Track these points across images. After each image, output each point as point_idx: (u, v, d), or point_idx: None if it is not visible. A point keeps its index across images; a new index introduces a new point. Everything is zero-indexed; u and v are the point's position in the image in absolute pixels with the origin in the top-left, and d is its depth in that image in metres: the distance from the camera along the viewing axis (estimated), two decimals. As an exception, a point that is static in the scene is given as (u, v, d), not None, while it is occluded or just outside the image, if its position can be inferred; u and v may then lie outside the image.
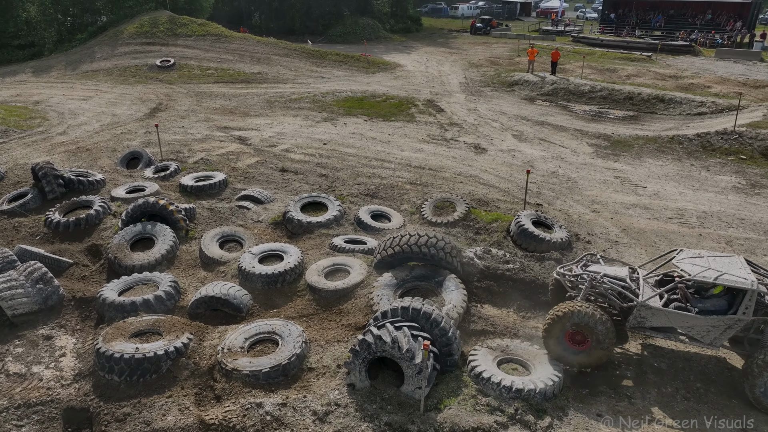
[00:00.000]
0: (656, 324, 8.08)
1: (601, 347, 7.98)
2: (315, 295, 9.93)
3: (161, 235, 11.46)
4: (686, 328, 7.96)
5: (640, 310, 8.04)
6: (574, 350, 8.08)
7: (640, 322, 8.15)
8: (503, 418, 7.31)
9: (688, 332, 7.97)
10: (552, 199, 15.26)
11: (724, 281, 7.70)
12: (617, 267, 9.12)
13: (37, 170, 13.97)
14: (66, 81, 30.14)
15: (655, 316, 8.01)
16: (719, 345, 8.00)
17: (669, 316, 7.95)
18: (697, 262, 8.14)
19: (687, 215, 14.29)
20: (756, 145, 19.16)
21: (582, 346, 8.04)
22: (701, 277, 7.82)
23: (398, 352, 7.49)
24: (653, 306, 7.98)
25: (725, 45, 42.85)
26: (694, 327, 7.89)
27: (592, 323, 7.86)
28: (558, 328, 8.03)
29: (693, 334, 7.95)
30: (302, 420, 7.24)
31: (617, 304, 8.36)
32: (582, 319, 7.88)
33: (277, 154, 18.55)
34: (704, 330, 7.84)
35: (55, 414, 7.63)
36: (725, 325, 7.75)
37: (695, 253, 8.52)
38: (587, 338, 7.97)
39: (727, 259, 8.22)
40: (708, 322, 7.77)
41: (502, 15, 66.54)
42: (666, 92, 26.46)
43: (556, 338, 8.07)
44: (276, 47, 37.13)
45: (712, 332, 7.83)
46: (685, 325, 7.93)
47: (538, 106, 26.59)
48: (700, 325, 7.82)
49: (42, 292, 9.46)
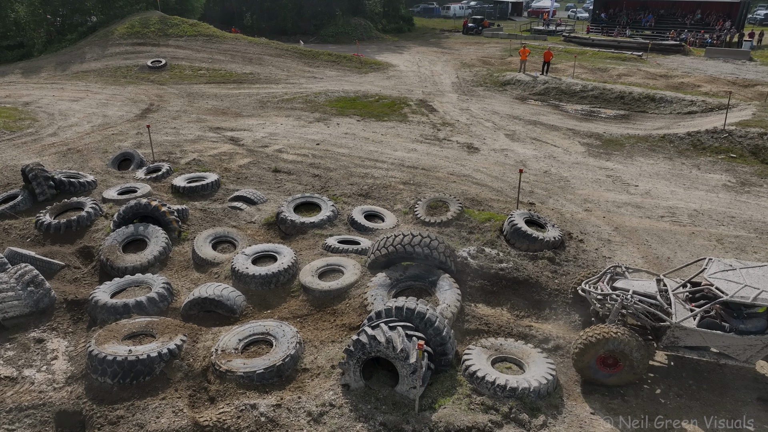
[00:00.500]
0: (690, 344, 7.83)
1: (634, 372, 7.84)
2: (309, 295, 9.91)
3: (154, 236, 11.40)
4: (722, 347, 7.71)
5: (674, 330, 7.76)
6: (605, 373, 7.92)
7: (673, 342, 7.87)
8: (498, 417, 7.33)
9: (723, 350, 7.73)
10: (545, 198, 15.32)
11: (763, 301, 7.37)
12: (644, 281, 8.78)
13: (28, 172, 13.85)
14: (56, 82, 29.91)
15: (690, 336, 7.74)
16: (755, 362, 7.81)
17: (704, 336, 7.67)
18: (731, 277, 7.79)
19: (678, 213, 14.39)
20: (746, 143, 19.33)
21: (614, 369, 7.87)
22: (739, 297, 7.48)
23: (393, 352, 7.49)
24: (688, 327, 7.70)
25: (714, 44, 43.21)
26: (731, 346, 7.63)
27: (628, 350, 7.66)
28: (591, 354, 7.83)
29: (728, 353, 7.71)
30: (297, 421, 7.23)
31: (649, 323, 8.10)
32: (618, 346, 7.66)
33: (269, 154, 18.50)
34: (740, 349, 7.60)
35: (48, 417, 7.58)
36: (763, 344, 7.50)
37: (726, 264, 8.14)
38: (619, 362, 7.80)
39: (760, 270, 7.87)
40: (745, 341, 7.53)
41: (493, 15, 66.75)
42: (657, 91, 26.64)
43: (587, 362, 7.88)
44: (268, 47, 37.04)
45: (749, 351, 7.59)
46: (721, 344, 7.67)
47: (530, 105, 26.68)
48: (737, 344, 7.57)
49: (33, 294, 9.39)
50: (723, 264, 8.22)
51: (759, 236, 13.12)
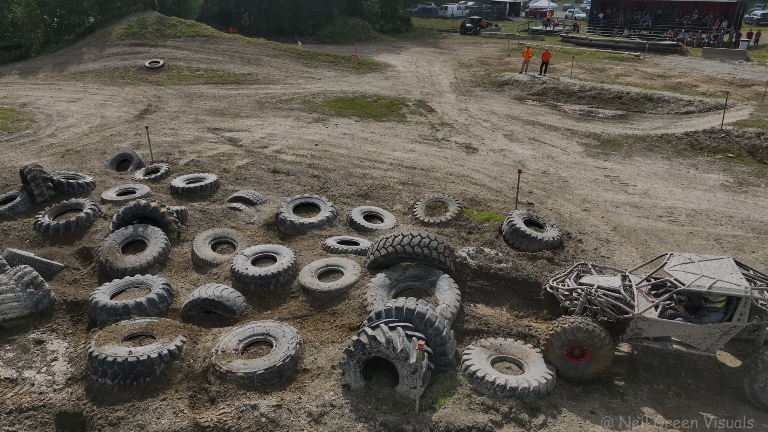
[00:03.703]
0: (653, 334, 8.07)
1: (601, 363, 7.99)
2: (308, 296, 9.92)
3: (153, 237, 11.40)
4: (683, 337, 7.95)
5: (637, 322, 8.01)
6: (575, 366, 8.07)
7: (636, 333, 8.12)
8: (498, 417, 7.35)
9: (684, 340, 7.97)
10: (543, 198, 15.35)
11: (718, 289, 7.64)
12: (609, 276, 9.05)
13: (26, 173, 13.83)
14: (54, 82, 29.87)
15: (652, 327, 8.00)
16: (716, 351, 8.01)
17: (665, 326, 7.93)
18: (689, 269, 8.07)
19: (676, 213, 14.43)
20: (743, 143, 19.39)
21: (581, 359, 8.04)
22: (695, 286, 7.73)
23: (393, 352, 7.50)
24: (649, 317, 7.96)
25: (712, 44, 43.33)
26: (691, 335, 7.88)
27: (592, 338, 7.85)
28: (557, 344, 8.01)
29: (689, 342, 7.96)
30: (297, 421, 7.24)
31: (613, 316, 8.33)
32: (582, 335, 7.86)
33: (268, 155, 18.50)
34: (700, 338, 7.84)
35: (48, 419, 7.56)
36: (721, 332, 7.76)
37: (686, 258, 8.43)
38: (586, 352, 7.96)
39: (717, 262, 8.17)
40: (704, 330, 7.78)
41: (491, 15, 66.83)
42: (654, 91, 26.71)
43: (555, 355, 8.06)
44: (266, 48, 37.03)
45: (709, 339, 7.82)
46: (682, 333, 7.91)
47: (529, 105, 26.73)
48: (697, 333, 7.82)
49: (33, 296, 9.37)
50: (683, 258, 8.47)
51: (757, 236, 13.17)
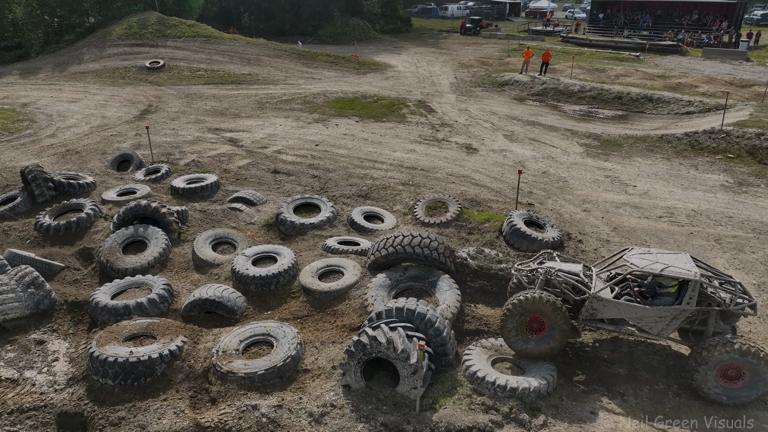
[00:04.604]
0: (607, 315, 8.32)
1: (557, 338, 8.15)
2: (309, 296, 9.93)
3: (153, 237, 11.41)
4: (635, 319, 8.20)
5: (592, 301, 8.26)
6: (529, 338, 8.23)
7: (591, 314, 8.38)
8: (498, 417, 7.36)
9: (637, 323, 8.22)
10: (543, 198, 15.36)
11: (669, 273, 7.94)
12: (572, 264, 9.34)
13: (27, 173, 13.84)
14: (54, 83, 29.88)
15: (606, 307, 8.24)
16: (666, 336, 8.24)
17: (619, 307, 8.17)
18: (646, 257, 8.40)
19: (676, 214, 14.45)
20: (743, 143, 19.40)
21: (538, 334, 8.21)
22: (648, 269, 8.05)
23: (393, 352, 7.52)
24: (604, 297, 8.21)
25: (712, 45, 43.34)
26: (643, 318, 8.11)
27: (550, 310, 8.05)
28: (517, 316, 8.16)
29: (642, 325, 8.20)
30: (298, 421, 7.25)
31: (571, 297, 8.58)
32: (541, 306, 8.06)
33: (268, 155, 18.52)
34: (652, 321, 8.08)
35: (49, 419, 7.58)
36: (671, 316, 7.98)
37: (645, 250, 8.83)
38: (544, 326, 8.15)
39: (674, 255, 8.47)
40: (655, 312, 8.02)
41: (491, 15, 66.87)
42: (654, 92, 26.72)
43: (514, 328, 8.22)
44: (266, 48, 37.04)
45: (659, 323, 8.07)
46: (634, 316, 8.16)
47: (529, 106, 26.74)
48: (648, 316, 8.06)
49: (33, 296, 9.39)
50: (642, 249, 8.86)
51: (757, 236, 13.18)
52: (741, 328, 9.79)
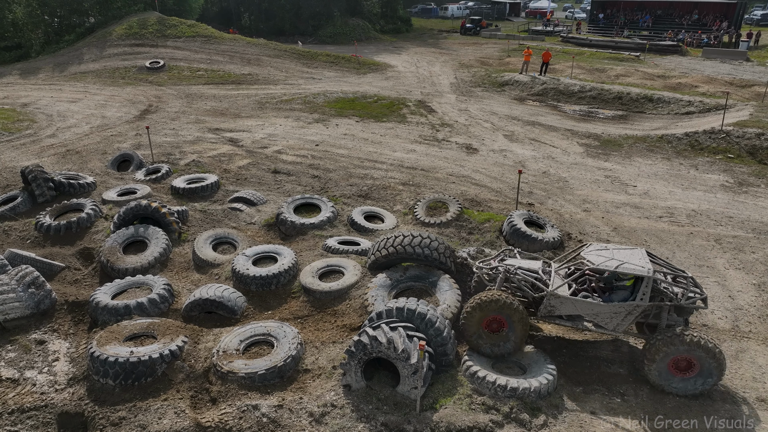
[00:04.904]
0: (564, 312, 8.46)
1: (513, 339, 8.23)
2: (309, 296, 9.93)
3: (154, 237, 11.42)
4: (592, 315, 8.36)
5: (550, 299, 8.38)
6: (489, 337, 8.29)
7: (549, 311, 8.51)
8: (498, 417, 7.37)
9: (594, 319, 8.37)
10: (544, 198, 15.37)
11: (623, 269, 8.12)
12: (532, 261, 9.42)
13: (27, 173, 13.85)
14: (54, 83, 29.88)
15: (564, 304, 8.38)
16: (621, 331, 8.42)
17: (576, 304, 8.33)
18: (602, 254, 8.55)
19: (677, 214, 14.45)
20: (743, 143, 19.41)
21: (496, 333, 8.29)
22: (604, 265, 8.22)
23: (394, 352, 7.52)
24: (561, 295, 8.35)
25: (712, 45, 43.35)
26: (599, 314, 8.29)
27: (510, 311, 8.12)
28: (479, 315, 8.22)
29: (598, 321, 8.36)
30: (299, 421, 7.26)
31: (530, 294, 8.67)
32: (502, 307, 8.12)
33: (269, 155, 18.52)
34: (607, 317, 8.26)
35: (50, 419, 7.58)
36: (626, 311, 8.15)
37: (602, 246, 9.00)
38: (503, 325, 8.21)
39: (630, 251, 8.65)
40: (610, 308, 8.20)
41: (491, 15, 66.87)
42: (654, 92, 26.72)
43: (474, 326, 8.27)
44: (266, 48, 37.05)
45: (615, 318, 8.24)
46: (591, 312, 8.32)
47: (529, 106, 26.75)
48: (604, 312, 8.25)
49: (34, 296, 9.39)
50: (599, 245, 9.03)
51: (757, 236, 13.19)
52: (741, 328, 9.81)
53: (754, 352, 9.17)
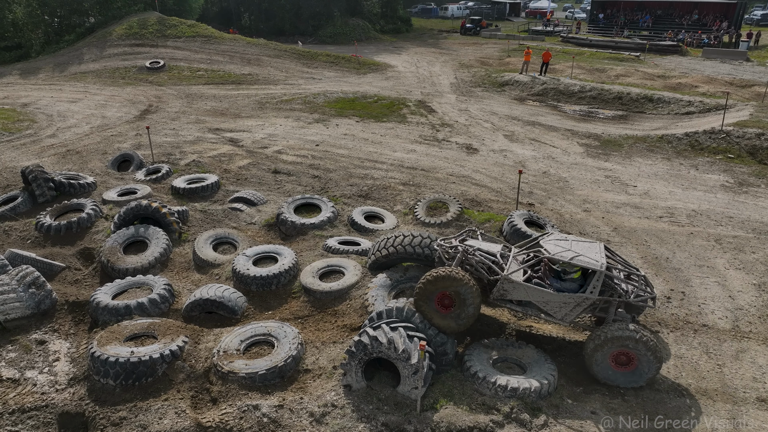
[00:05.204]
0: (516, 297, 8.55)
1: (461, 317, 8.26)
2: (310, 296, 9.94)
3: (154, 237, 11.42)
4: (542, 303, 8.44)
5: (503, 282, 8.47)
6: (439, 313, 8.31)
7: (502, 294, 8.59)
8: (499, 417, 7.37)
9: (544, 307, 8.46)
10: (544, 198, 15.37)
11: (577, 261, 8.26)
12: (493, 244, 9.46)
13: (27, 173, 13.85)
14: (54, 83, 29.88)
15: (516, 289, 8.48)
16: (569, 321, 8.53)
17: (528, 290, 8.42)
18: (560, 244, 8.69)
19: (677, 214, 14.45)
20: (743, 143, 19.42)
21: (448, 309, 8.31)
22: (559, 256, 8.39)
23: (394, 352, 7.53)
24: (514, 280, 8.45)
25: (712, 45, 43.35)
26: (549, 302, 8.39)
27: (464, 290, 8.12)
28: (432, 289, 8.22)
29: (547, 309, 8.46)
30: (299, 421, 7.26)
31: (485, 276, 8.74)
32: (456, 285, 8.13)
33: (269, 155, 18.52)
34: (557, 306, 8.38)
35: (50, 419, 7.59)
36: (575, 303, 8.27)
37: (562, 236, 9.17)
38: (454, 302, 8.23)
39: (588, 244, 8.79)
40: (560, 298, 8.31)
41: (491, 15, 66.87)
42: (654, 92, 26.72)
43: (426, 300, 8.28)
44: (266, 48, 37.05)
45: (564, 308, 8.36)
46: (541, 300, 8.41)
47: (529, 106, 26.75)
48: (554, 300, 8.35)
49: (34, 296, 9.40)
50: (559, 235, 9.25)
51: (757, 236, 13.19)
52: (741, 328, 9.81)
53: (754, 353, 9.18)
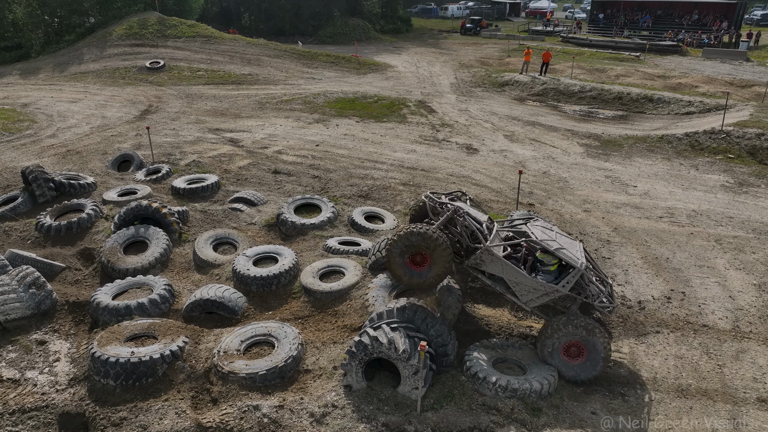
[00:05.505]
0: (490, 270, 8.54)
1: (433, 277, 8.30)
2: (310, 296, 9.94)
3: (154, 238, 11.41)
4: (513, 283, 8.46)
5: (483, 252, 8.45)
6: (412, 271, 8.34)
7: (478, 264, 8.57)
8: (499, 418, 7.37)
9: (513, 287, 8.48)
10: (544, 199, 15.37)
11: (561, 254, 8.36)
12: (479, 213, 9.44)
13: (27, 174, 13.84)
14: (54, 83, 29.88)
15: (494, 262, 8.47)
16: (532, 307, 8.56)
17: (504, 266, 8.43)
18: (546, 233, 8.81)
19: (677, 214, 14.46)
20: (743, 144, 19.42)
21: (420, 267, 8.32)
22: (545, 243, 8.50)
23: (395, 353, 7.53)
24: (495, 253, 8.44)
25: (712, 45, 43.37)
26: (520, 284, 8.42)
27: (434, 246, 8.11)
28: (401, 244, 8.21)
29: (516, 290, 8.48)
30: (299, 422, 7.26)
31: (466, 241, 8.72)
32: (426, 241, 8.10)
33: (269, 155, 18.52)
34: (526, 290, 8.41)
35: (51, 419, 7.58)
36: (544, 291, 8.35)
37: (548, 224, 9.28)
38: (426, 260, 8.24)
39: (570, 240, 8.97)
40: (533, 284, 8.36)
41: (491, 15, 66.88)
42: (654, 92, 26.73)
43: (398, 256, 8.28)
44: (266, 48, 37.05)
45: (532, 294, 8.42)
46: (514, 279, 8.44)
47: (529, 106, 26.76)
48: (525, 283, 8.39)
49: (35, 296, 9.39)
50: (545, 223, 9.40)
51: (757, 236, 13.20)
52: (741, 329, 9.81)
53: (754, 353, 9.18)
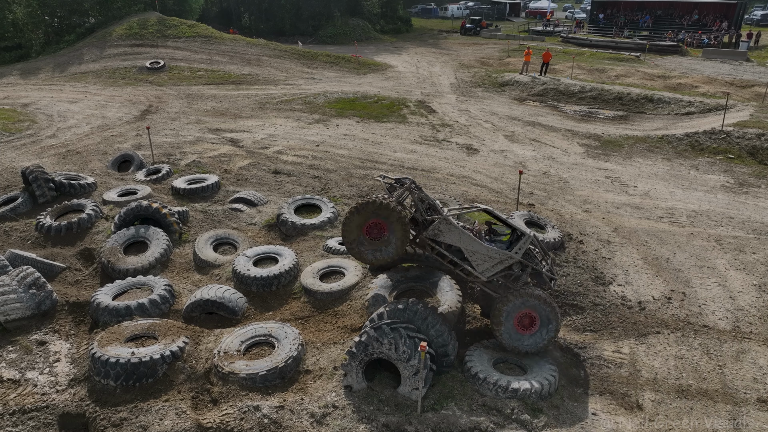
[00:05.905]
0: (448, 241, 8.67)
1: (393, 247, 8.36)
2: (310, 297, 9.94)
3: (155, 238, 11.42)
4: (470, 252, 8.65)
5: (441, 222, 8.59)
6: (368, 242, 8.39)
7: (436, 234, 8.67)
8: (500, 418, 7.37)
9: (470, 257, 8.66)
10: (544, 199, 15.37)
11: (513, 223, 8.97)
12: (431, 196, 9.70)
13: (28, 174, 13.84)
14: (54, 83, 29.87)
15: (451, 232, 8.62)
16: (488, 276, 8.75)
17: (461, 236, 8.61)
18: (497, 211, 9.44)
19: (677, 214, 14.45)
20: (743, 144, 19.42)
21: (377, 240, 8.38)
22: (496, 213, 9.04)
23: (395, 353, 7.53)
24: (453, 222, 8.65)
25: (712, 45, 43.36)
26: (476, 253, 8.64)
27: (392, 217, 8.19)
28: (359, 218, 8.27)
29: (472, 260, 8.68)
30: (300, 422, 7.26)
31: (421, 216, 8.81)
32: (383, 212, 8.18)
33: (269, 156, 18.52)
34: (482, 258, 8.66)
35: (51, 420, 7.59)
36: (499, 259, 8.64)
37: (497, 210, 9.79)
38: (384, 232, 8.30)
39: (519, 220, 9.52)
40: (488, 251, 8.63)
41: (491, 15, 66.88)
42: (655, 92, 26.73)
43: (355, 229, 8.34)
44: (266, 48, 37.05)
45: (488, 262, 8.68)
46: (470, 248, 8.63)
47: (529, 106, 26.75)
48: (481, 252, 8.63)
49: (35, 297, 9.39)
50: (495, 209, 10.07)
51: (757, 237, 13.19)
52: (742, 329, 9.81)
53: (755, 353, 9.18)
